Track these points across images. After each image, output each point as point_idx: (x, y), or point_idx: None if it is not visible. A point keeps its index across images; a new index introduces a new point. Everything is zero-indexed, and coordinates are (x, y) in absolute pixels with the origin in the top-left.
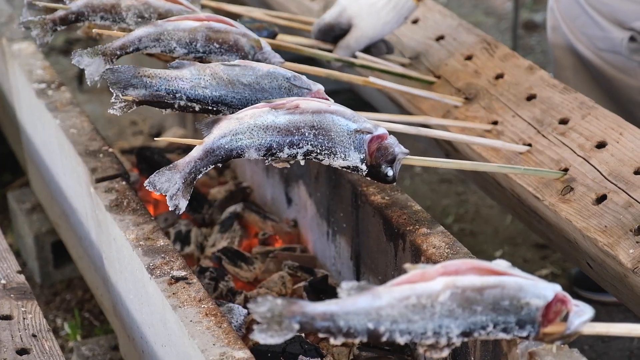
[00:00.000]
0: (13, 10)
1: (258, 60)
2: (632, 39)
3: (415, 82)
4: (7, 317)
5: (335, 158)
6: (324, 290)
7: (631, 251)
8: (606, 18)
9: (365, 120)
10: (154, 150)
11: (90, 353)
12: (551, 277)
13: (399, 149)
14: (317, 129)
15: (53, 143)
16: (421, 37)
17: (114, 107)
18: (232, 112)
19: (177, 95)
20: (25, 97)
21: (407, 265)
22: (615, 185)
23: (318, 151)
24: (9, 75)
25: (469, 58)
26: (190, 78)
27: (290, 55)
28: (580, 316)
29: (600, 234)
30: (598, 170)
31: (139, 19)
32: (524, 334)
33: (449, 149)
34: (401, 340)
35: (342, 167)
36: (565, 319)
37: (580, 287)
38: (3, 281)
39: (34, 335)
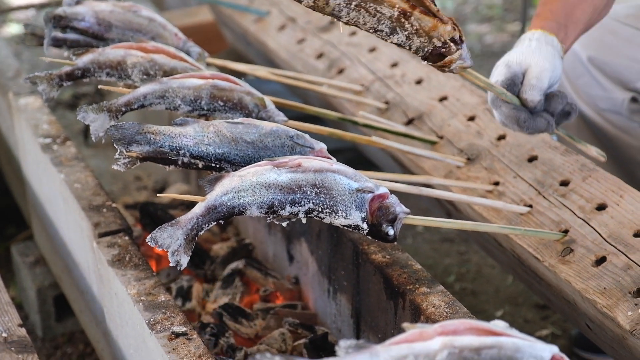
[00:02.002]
0: (20, 64)
1: (262, 119)
2: (633, 99)
3: (418, 142)
4: None
5: (336, 216)
6: (324, 347)
7: (630, 313)
8: (609, 78)
9: (367, 179)
10: (158, 206)
11: None
12: (552, 338)
13: (400, 208)
14: (319, 187)
15: (57, 197)
16: (425, 97)
17: (118, 163)
18: (235, 170)
19: (181, 152)
20: (31, 151)
21: (405, 325)
22: (615, 247)
23: (320, 209)
24: (15, 129)
25: (471, 119)
26: (194, 135)
27: (294, 114)
28: None
29: (599, 296)
30: (598, 232)
31: (145, 76)
32: None
33: (450, 209)
34: None
35: (344, 226)
36: None
37: (581, 348)
38: (4, 334)
39: None
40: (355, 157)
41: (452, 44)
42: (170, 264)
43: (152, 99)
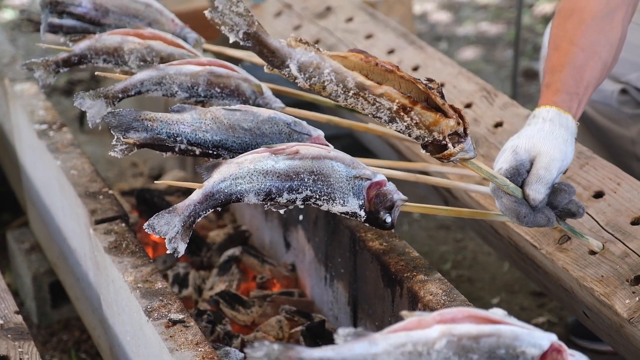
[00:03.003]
0: (16, 51)
1: (259, 105)
2: (623, 91)
3: None
4: (4, 358)
5: (334, 204)
6: (320, 335)
7: (627, 301)
8: None
9: (364, 166)
10: (154, 193)
11: None
12: (548, 325)
13: (397, 195)
14: (317, 174)
15: (53, 184)
16: None
17: (115, 149)
18: (233, 157)
19: (178, 138)
20: (27, 137)
21: (403, 313)
22: (612, 235)
23: (317, 197)
24: (10, 116)
25: (468, 106)
26: (191, 122)
27: (291, 101)
28: None
29: (597, 284)
30: (595, 220)
31: (141, 63)
32: None
33: (447, 196)
34: None
35: (341, 213)
36: None
37: (577, 335)
38: (0, 321)
39: None
40: (352, 144)
41: (453, 139)
42: (168, 251)
43: (149, 85)
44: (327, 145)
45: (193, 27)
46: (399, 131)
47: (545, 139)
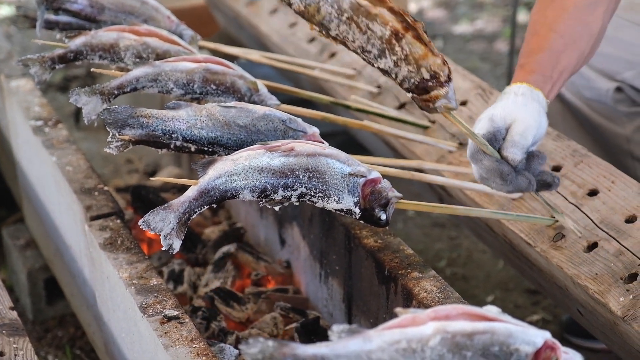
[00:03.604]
0: (12, 47)
1: (254, 102)
2: (618, 89)
3: (410, 126)
4: None
5: (329, 201)
6: (315, 332)
7: (621, 299)
8: (592, 69)
9: (359, 163)
10: (149, 189)
11: None
12: (542, 323)
13: (392, 193)
14: (312, 171)
15: (49, 180)
16: None
17: (111, 146)
18: (228, 154)
19: (174, 135)
20: (22, 133)
21: (398, 310)
22: (607, 233)
23: (312, 194)
24: (6, 112)
25: (463, 104)
26: (187, 119)
27: (287, 98)
28: None
29: (591, 282)
30: (590, 218)
31: (137, 59)
32: None
33: (442, 194)
34: None
35: (336, 210)
36: None
37: (571, 333)
38: None
39: None
40: (347, 141)
41: (440, 78)
42: (163, 248)
43: (145, 82)
44: (322, 143)
45: (189, 24)
46: (386, 70)
47: (519, 109)
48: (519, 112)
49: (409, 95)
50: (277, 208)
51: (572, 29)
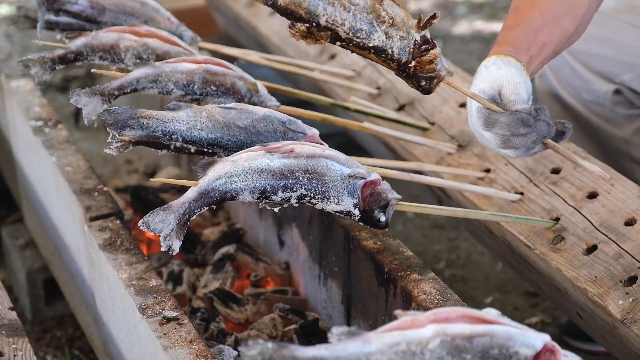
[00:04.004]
0: (12, 47)
1: (254, 104)
2: (617, 91)
3: (409, 128)
4: None
5: (328, 202)
6: (314, 333)
7: (621, 302)
8: (591, 71)
9: (359, 165)
10: (149, 190)
11: None
12: (541, 326)
13: (392, 194)
14: (311, 173)
15: (48, 180)
16: None
17: (111, 147)
18: (228, 155)
19: (173, 136)
20: (22, 133)
21: (397, 312)
22: (606, 235)
23: (312, 195)
24: (6, 112)
25: (463, 105)
26: (187, 120)
27: (287, 99)
28: None
29: (590, 284)
30: (589, 221)
31: (137, 60)
32: None
33: (441, 196)
34: None
35: (335, 212)
36: None
37: (570, 336)
38: None
39: None
40: (346, 142)
41: (427, 37)
42: (162, 249)
43: (145, 83)
44: (322, 144)
45: (189, 25)
46: (381, 48)
47: (499, 73)
48: (500, 76)
49: (412, 64)
50: (276, 209)
51: (553, 7)
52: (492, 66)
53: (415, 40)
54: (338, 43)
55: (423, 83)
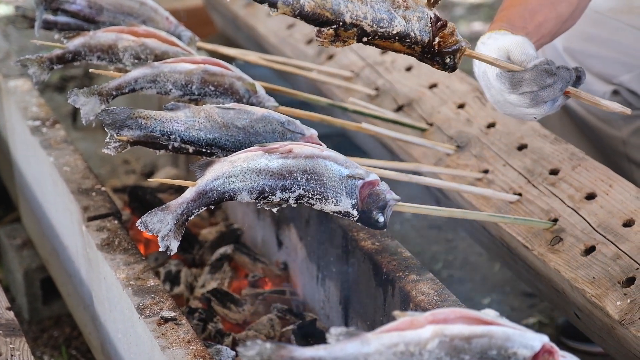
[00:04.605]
0: (10, 46)
1: (252, 104)
2: (615, 92)
3: (407, 129)
4: None
5: (326, 203)
6: (312, 334)
7: (619, 303)
8: (589, 72)
9: (357, 166)
10: (146, 190)
11: None
12: (538, 326)
13: (390, 195)
14: (310, 173)
15: (46, 180)
16: (414, 84)
17: (109, 147)
18: (226, 155)
19: (172, 136)
20: (20, 133)
21: (396, 313)
22: (604, 237)
23: (310, 196)
24: (3, 111)
25: (461, 106)
26: (185, 120)
27: (285, 99)
28: None
29: (589, 285)
30: (587, 222)
31: (136, 60)
32: None
33: (439, 196)
34: None
35: (334, 212)
36: None
37: (568, 336)
38: None
39: None
40: (344, 143)
41: (437, 13)
42: (160, 249)
43: (143, 83)
44: (321, 145)
45: (187, 25)
46: (403, 35)
47: (501, 42)
48: (504, 43)
49: (435, 42)
50: (274, 210)
51: None
52: (488, 40)
53: (431, 17)
54: (365, 39)
55: (448, 60)
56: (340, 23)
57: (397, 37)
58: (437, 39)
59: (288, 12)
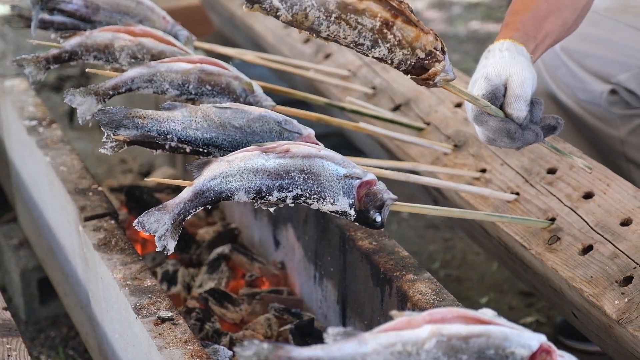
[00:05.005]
0: (6, 46)
1: (250, 103)
2: (612, 91)
3: (405, 128)
4: None
5: (324, 202)
6: (309, 333)
7: (616, 302)
8: (587, 71)
9: (354, 165)
10: (143, 190)
11: None
12: (536, 325)
13: (387, 195)
14: (307, 173)
15: (42, 180)
16: (412, 83)
17: (105, 146)
18: (223, 155)
19: (168, 136)
20: (16, 133)
21: (393, 312)
22: (602, 236)
23: (307, 195)
24: (0, 111)
25: (458, 105)
26: (182, 120)
27: (282, 99)
28: None
29: (586, 284)
30: (585, 221)
31: (132, 60)
32: None
33: (437, 196)
34: None
35: (331, 212)
36: None
37: (565, 336)
38: None
39: None
40: (342, 142)
41: (435, 54)
42: (157, 249)
43: (140, 82)
44: (318, 144)
45: (184, 24)
46: (381, 58)
47: (510, 63)
48: (511, 66)
49: (408, 76)
50: (272, 209)
51: None
52: (506, 52)
53: (419, 57)
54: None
55: (421, 84)
56: (314, 34)
57: (373, 56)
58: (409, 75)
59: (263, 11)
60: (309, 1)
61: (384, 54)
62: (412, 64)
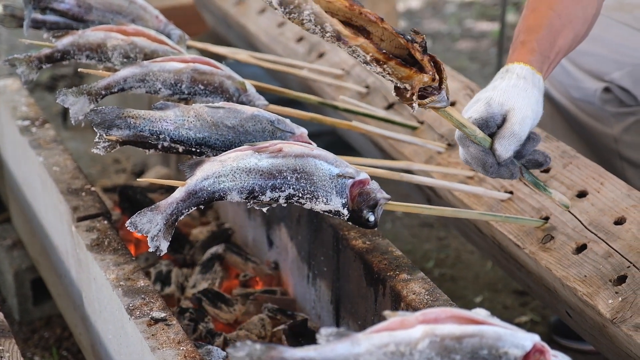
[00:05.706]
0: None
1: (242, 103)
2: (606, 89)
3: (398, 127)
4: None
5: (317, 202)
6: (303, 333)
7: (610, 301)
8: (580, 69)
9: (347, 164)
10: (137, 190)
11: None
12: (530, 325)
13: (380, 194)
14: (300, 172)
15: (35, 180)
16: None
17: (98, 146)
18: (216, 154)
19: (161, 136)
20: (9, 133)
21: (386, 313)
22: (596, 235)
23: (300, 195)
24: None
25: (452, 104)
26: (174, 119)
27: (275, 98)
28: None
29: (580, 284)
30: (578, 220)
31: (125, 59)
32: None
33: (430, 195)
34: None
35: (324, 211)
36: None
37: (559, 335)
38: None
39: None
40: (335, 141)
41: (427, 91)
42: (150, 249)
43: (133, 82)
44: (311, 143)
45: (177, 23)
46: (374, 71)
47: (519, 95)
48: (518, 99)
49: (393, 94)
50: (265, 209)
51: (569, 10)
52: (522, 80)
53: (404, 89)
54: None
55: (404, 102)
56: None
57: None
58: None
59: None
60: (307, 17)
61: (375, 72)
62: (400, 88)
